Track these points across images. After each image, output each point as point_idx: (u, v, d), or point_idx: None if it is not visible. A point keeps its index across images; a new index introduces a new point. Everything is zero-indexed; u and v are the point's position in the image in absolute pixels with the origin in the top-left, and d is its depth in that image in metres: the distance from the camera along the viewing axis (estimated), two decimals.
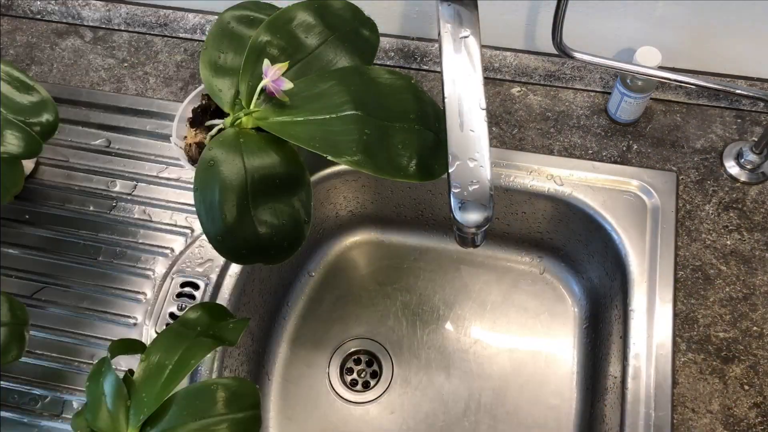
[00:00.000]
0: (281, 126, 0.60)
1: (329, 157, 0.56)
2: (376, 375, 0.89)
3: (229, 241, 0.59)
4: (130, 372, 0.59)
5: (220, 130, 0.63)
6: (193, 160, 0.67)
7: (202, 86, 0.68)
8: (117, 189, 0.82)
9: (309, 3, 0.67)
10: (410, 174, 0.59)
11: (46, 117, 0.68)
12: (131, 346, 0.63)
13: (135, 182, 0.83)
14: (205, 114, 0.69)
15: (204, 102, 0.70)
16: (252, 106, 0.61)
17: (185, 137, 0.69)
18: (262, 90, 0.61)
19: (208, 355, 0.72)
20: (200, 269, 0.77)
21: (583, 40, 0.81)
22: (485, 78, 0.87)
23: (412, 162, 0.59)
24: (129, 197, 0.82)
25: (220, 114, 0.67)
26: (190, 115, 0.70)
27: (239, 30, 0.67)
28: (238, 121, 0.61)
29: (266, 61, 0.60)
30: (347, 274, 0.95)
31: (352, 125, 0.59)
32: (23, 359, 0.67)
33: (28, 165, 0.83)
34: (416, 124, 0.61)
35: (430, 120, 0.63)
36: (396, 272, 0.94)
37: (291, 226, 0.61)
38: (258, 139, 0.60)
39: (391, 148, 0.59)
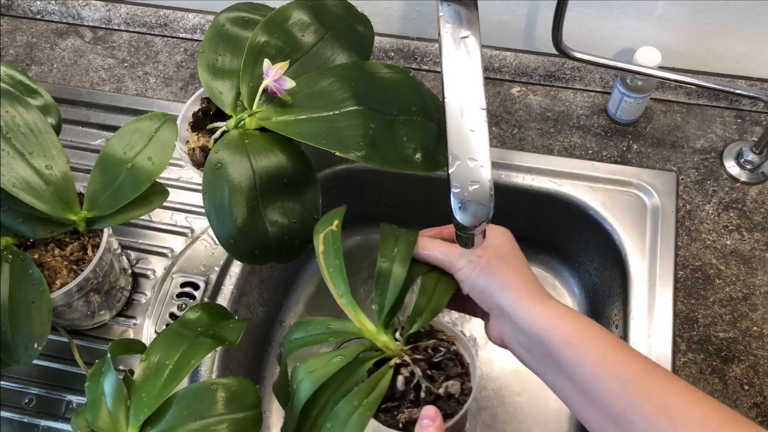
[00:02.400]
0: (285, 125, 0.60)
1: (337, 153, 0.56)
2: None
3: (240, 242, 0.59)
4: (130, 372, 0.59)
5: (223, 133, 0.63)
6: (197, 164, 0.67)
7: (201, 89, 0.68)
8: None
9: (303, 2, 0.67)
10: (417, 165, 0.59)
11: (49, 120, 0.68)
12: (131, 346, 0.63)
13: None
14: (205, 117, 0.69)
15: (204, 105, 0.70)
16: (255, 107, 0.61)
17: (187, 141, 0.69)
18: (264, 90, 0.61)
19: (208, 355, 0.72)
20: (200, 269, 0.77)
21: (583, 40, 0.81)
22: (485, 78, 0.87)
23: (418, 153, 0.59)
24: None
25: (221, 116, 0.67)
26: (191, 119, 0.70)
27: (234, 32, 0.67)
28: (242, 122, 0.61)
29: (266, 61, 0.60)
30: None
31: (357, 120, 0.59)
32: None
33: None
34: (418, 116, 0.62)
35: (431, 111, 0.63)
36: None
37: (301, 224, 0.61)
38: (263, 140, 0.60)
39: (396, 140, 0.59)
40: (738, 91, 0.77)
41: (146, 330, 0.74)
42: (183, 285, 0.76)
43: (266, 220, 0.59)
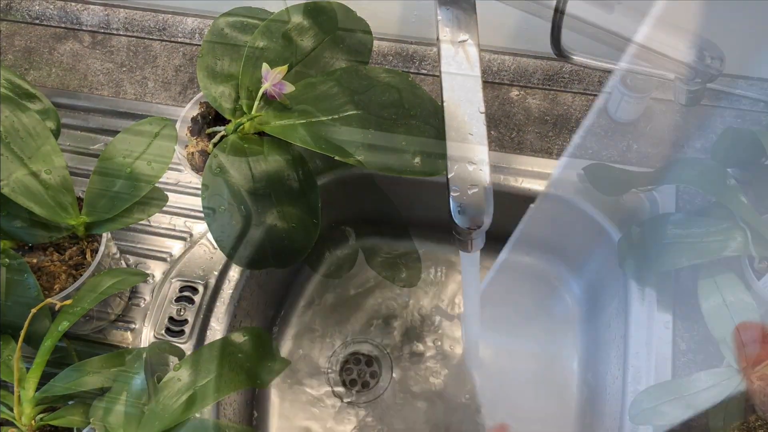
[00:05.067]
0: (284, 129, 0.60)
1: (336, 157, 0.57)
2: (375, 375, 0.89)
3: (239, 247, 0.59)
4: (158, 378, 0.57)
5: (222, 137, 0.63)
6: (196, 169, 0.67)
7: (200, 94, 0.68)
8: None
9: (302, 6, 0.68)
10: (416, 170, 0.59)
11: (47, 124, 0.68)
12: (170, 349, 0.62)
13: None
14: (204, 121, 0.69)
15: (202, 110, 0.70)
16: (254, 111, 0.61)
17: (187, 146, 0.69)
18: (263, 94, 0.61)
19: None
20: (199, 273, 0.77)
21: (582, 41, 0.81)
22: (484, 81, 0.87)
23: (417, 158, 0.60)
24: None
25: (220, 121, 0.68)
26: (190, 124, 0.70)
27: (233, 36, 0.67)
28: (241, 126, 0.61)
29: (265, 66, 0.60)
30: (346, 276, 0.95)
31: (356, 125, 0.59)
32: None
33: None
34: (417, 120, 0.62)
35: (430, 115, 0.63)
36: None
37: (300, 228, 0.61)
38: (262, 144, 0.61)
39: (395, 145, 0.60)
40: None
41: (145, 334, 0.74)
42: (182, 289, 0.76)
43: (266, 225, 0.59)
